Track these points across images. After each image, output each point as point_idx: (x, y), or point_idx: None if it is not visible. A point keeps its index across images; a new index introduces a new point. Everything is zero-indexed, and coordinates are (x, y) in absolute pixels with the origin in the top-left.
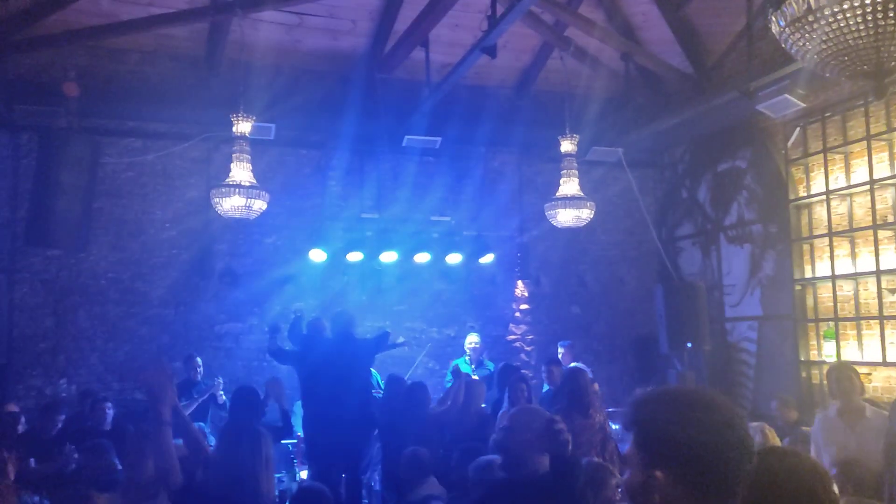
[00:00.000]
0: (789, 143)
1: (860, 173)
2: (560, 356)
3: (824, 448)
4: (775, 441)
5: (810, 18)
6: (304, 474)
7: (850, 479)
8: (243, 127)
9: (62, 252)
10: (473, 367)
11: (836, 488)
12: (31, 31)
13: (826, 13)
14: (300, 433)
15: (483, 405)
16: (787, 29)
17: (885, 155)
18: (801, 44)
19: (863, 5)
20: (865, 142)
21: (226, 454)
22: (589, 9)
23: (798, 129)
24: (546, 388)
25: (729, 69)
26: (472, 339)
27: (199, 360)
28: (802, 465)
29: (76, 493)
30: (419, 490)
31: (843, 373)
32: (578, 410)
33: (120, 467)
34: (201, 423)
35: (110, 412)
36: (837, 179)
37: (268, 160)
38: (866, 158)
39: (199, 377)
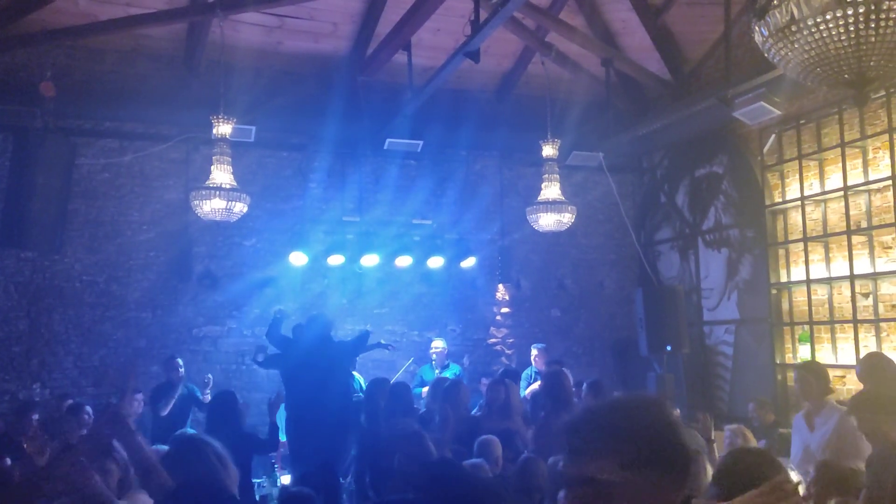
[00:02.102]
0: (765, 150)
1: (834, 180)
2: (533, 358)
3: (792, 449)
4: (753, 443)
5: (793, 28)
6: (285, 479)
7: (830, 481)
8: (224, 129)
9: (36, 254)
10: (438, 371)
11: (795, 481)
12: (7, 30)
13: (809, 23)
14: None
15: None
16: (770, 38)
17: (859, 162)
18: (783, 53)
19: (845, 16)
20: (839, 149)
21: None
22: (570, 15)
23: (773, 135)
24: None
25: (706, 76)
26: (435, 345)
27: (179, 361)
28: (763, 460)
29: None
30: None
31: (801, 374)
32: (563, 412)
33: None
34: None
35: (90, 417)
36: (812, 186)
37: (248, 162)
38: (840, 165)
39: (180, 379)
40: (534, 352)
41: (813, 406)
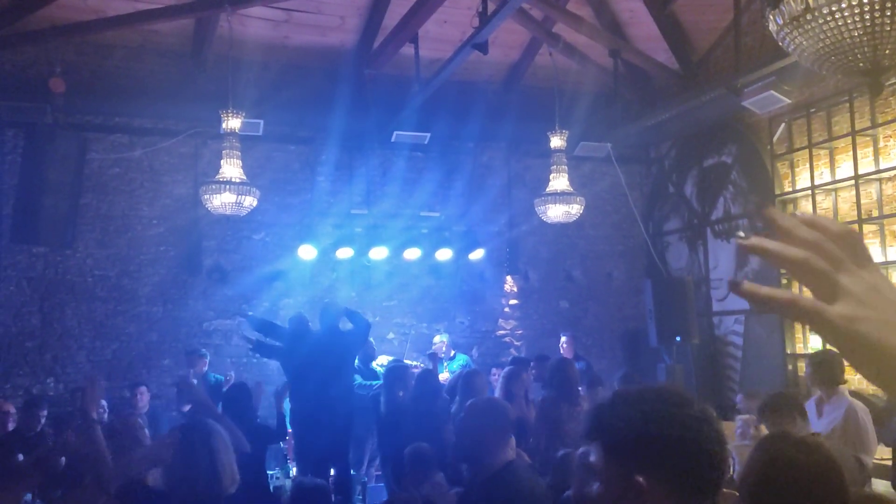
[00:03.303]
0: (774, 139)
1: (845, 168)
2: (562, 346)
3: None
4: (764, 433)
5: (808, 17)
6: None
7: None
8: (233, 123)
9: (48, 249)
10: (446, 364)
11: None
12: (16, 26)
13: (824, 11)
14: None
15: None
16: (784, 27)
17: (870, 150)
18: (798, 42)
19: (860, 4)
20: (850, 137)
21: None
22: (577, 5)
23: (783, 124)
24: None
25: (714, 65)
26: (436, 340)
27: (202, 354)
28: (817, 451)
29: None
30: (424, 486)
31: (812, 362)
32: (566, 399)
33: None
34: None
35: (104, 411)
36: (822, 174)
37: (256, 156)
38: (851, 154)
39: (205, 371)
40: (563, 339)
41: (825, 393)
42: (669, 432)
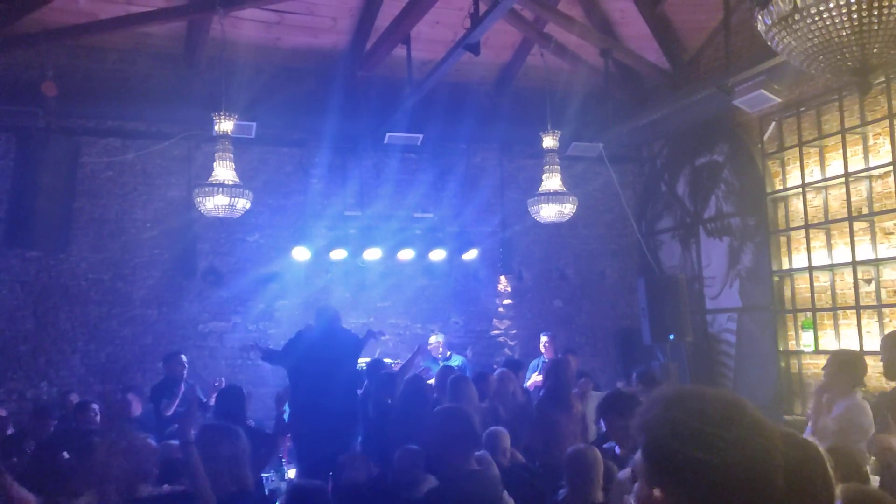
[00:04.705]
0: (765, 137)
1: (835, 166)
2: (542, 346)
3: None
4: None
5: (796, 17)
6: (292, 473)
7: (836, 466)
8: (225, 126)
9: (42, 253)
10: (441, 363)
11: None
12: (8, 30)
13: (812, 11)
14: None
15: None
16: (773, 27)
17: (859, 148)
18: (786, 41)
19: (847, 4)
20: (840, 135)
21: (204, 450)
22: (568, 5)
23: (774, 123)
24: None
25: (705, 65)
26: (433, 340)
27: (183, 357)
28: (805, 448)
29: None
30: (420, 488)
31: (833, 361)
32: (559, 404)
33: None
34: None
35: (96, 414)
36: (813, 172)
37: (249, 159)
38: (841, 151)
39: (183, 376)
40: (543, 339)
41: (838, 393)
42: (694, 454)
